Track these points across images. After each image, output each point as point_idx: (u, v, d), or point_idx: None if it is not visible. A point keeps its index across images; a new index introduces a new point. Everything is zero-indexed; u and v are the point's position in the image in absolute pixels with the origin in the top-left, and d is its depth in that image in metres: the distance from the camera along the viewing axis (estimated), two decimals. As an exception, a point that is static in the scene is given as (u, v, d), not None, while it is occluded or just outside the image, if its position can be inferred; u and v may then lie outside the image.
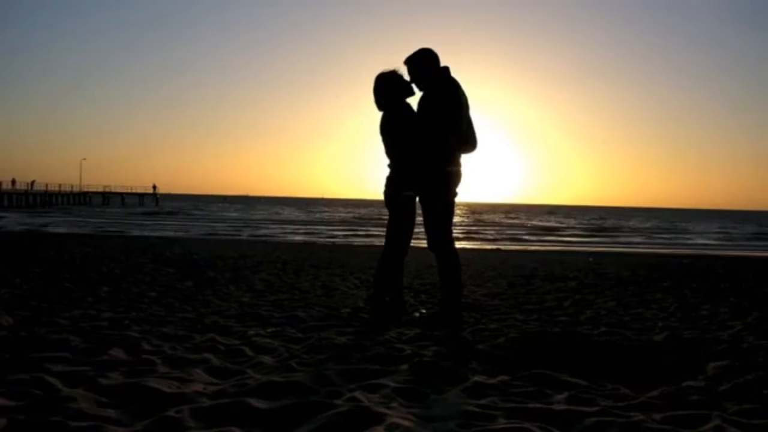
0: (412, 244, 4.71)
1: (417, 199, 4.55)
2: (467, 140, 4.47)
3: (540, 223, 51.58)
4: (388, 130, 4.48)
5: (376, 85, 4.52)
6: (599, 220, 64.34)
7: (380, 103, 4.53)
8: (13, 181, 62.47)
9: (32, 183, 64.69)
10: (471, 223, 47.72)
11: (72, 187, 73.27)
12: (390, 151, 4.50)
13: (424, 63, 4.44)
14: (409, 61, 4.48)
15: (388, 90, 4.49)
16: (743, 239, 36.34)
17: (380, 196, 4.63)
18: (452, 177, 4.41)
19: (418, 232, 4.66)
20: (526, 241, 29.25)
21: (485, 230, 38.50)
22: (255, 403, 2.38)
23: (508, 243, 26.81)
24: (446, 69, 4.45)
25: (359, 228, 36.61)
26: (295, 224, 40.24)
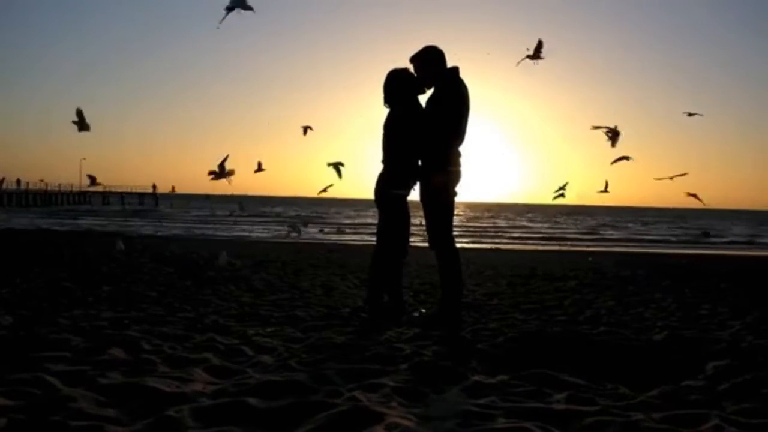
0: (412, 244, 4.69)
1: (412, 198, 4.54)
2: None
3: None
4: (390, 128, 4.47)
5: (386, 80, 4.50)
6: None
7: (388, 99, 4.51)
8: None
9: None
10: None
11: (72, 186, 73.14)
12: (387, 148, 4.49)
13: (430, 62, 4.43)
14: (415, 59, 4.47)
15: (397, 87, 4.47)
16: None
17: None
18: (452, 177, 4.41)
19: (417, 232, 4.66)
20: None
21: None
22: (255, 402, 2.38)
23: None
24: (455, 69, 4.43)
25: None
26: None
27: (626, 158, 7.76)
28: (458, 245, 4.69)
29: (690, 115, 7.96)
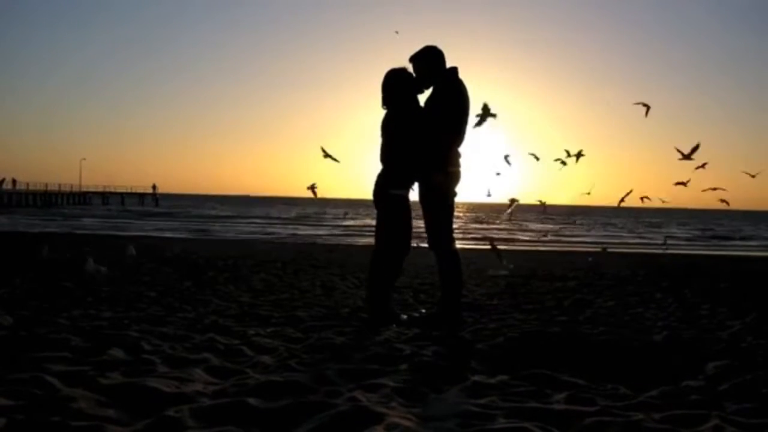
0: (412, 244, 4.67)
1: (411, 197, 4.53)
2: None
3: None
4: (389, 128, 4.46)
5: (384, 81, 4.49)
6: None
7: (386, 99, 4.50)
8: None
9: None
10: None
11: (72, 187, 73.13)
12: (387, 149, 4.49)
13: (430, 62, 4.43)
14: (415, 59, 4.46)
15: (395, 87, 4.46)
16: None
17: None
18: (452, 177, 4.41)
19: (416, 233, 4.65)
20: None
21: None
22: (255, 402, 2.38)
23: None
24: (454, 70, 4.43)
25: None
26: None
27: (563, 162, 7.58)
28: (458, 245, 4.68)
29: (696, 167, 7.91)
